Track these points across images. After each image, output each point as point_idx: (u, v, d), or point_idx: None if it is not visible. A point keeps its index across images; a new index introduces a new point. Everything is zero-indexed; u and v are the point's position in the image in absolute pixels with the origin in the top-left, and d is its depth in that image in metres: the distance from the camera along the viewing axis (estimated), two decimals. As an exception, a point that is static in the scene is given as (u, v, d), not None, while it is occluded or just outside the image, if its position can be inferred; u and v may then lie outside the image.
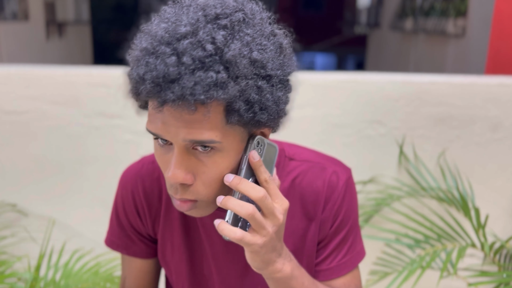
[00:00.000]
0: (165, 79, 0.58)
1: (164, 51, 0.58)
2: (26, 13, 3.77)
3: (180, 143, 0.63)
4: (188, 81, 0.57)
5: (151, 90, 0.59)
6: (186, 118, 0.61)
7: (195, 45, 0.58)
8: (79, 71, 1.64)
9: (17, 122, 1.65)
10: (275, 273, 0.69)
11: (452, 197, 1.57)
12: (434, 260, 1.46)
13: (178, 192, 0.67)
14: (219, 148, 0.64)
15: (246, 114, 0.62)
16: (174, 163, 0.64)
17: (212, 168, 0.65)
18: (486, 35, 2.54)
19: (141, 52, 0.61)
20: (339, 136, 1.65)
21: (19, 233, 1.70)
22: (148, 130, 0.65)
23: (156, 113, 0.62)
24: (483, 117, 1.64)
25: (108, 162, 1.67)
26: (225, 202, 0.63)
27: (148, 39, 0.61)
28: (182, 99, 0.58)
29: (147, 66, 0.59)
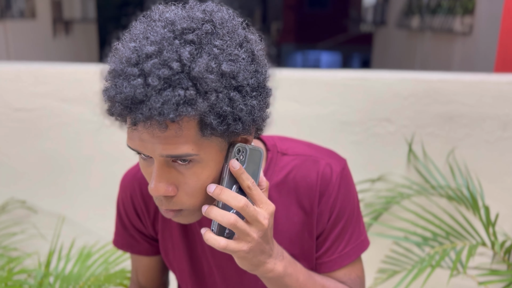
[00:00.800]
0: (133, 101, 0.59)
1: (130, 73, 0.59)
2: (33, 11, 3.78)
3: (159, 158, 0.64)
4: (155, 102, 0.58)
5: (122, 111, 0.60)
6: (159, 135, 0.61)
7: (160, 64, 0.58)
8: (88, 68, 1.64)
9: (26, 120, 1.65)
10: (266, 273, 0.70)
11: (462, 195, 1.57)
12: (444, 259, 1.45)
13: (163, 204, 0.68)
14: (197, 160, 0.64)
15: (219, 127, 0.62)
16: (155, 176, 0.65)
17: (193, 179, 0.66)
18: (493, 33, 2.53)
19: (109, 74, 0.62)
20: (348, 134, 1.65)
21: (28, 230, 1.70)
22: (128, 146, 0.66)
23: (132, 130, 0.63)
24: (493, 115, 1.63)
25: (117, 160, 1.67)
26: (208, 212, 0.65)
27: (116, 60, 0.61)
28: (151, 119, 0.59)
29: (117, 88, 0.59)
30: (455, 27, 3.43)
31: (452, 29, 3.48)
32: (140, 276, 0.96)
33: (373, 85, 1.63)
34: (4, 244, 1.61)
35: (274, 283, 0.73)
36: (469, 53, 3.24)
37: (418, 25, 4.27)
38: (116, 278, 1.39)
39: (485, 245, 1.43)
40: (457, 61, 3.45)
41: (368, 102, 1.64)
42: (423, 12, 4.17)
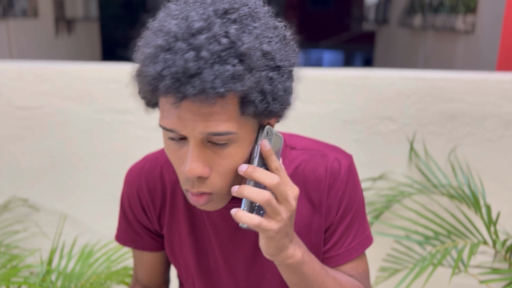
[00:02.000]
0: (185, 74, 0.59)
1: (180, 47, 0.59)
2: (35, 10, 3.79)
3: (197, 137, 0.64)
4: (208, 75, 0.58)
5: (171, 85, 0.59)
6: (203, 112, 0.62)
7: (211, 39, 0.59)
8: (91, 67, 1.64)
9: (29, 118, 1.66)
10: (287, 258, 0.71)
11: (463, 194, 1.57)
12: (445, 258, 1.45)
13: (194, 186, 0.68)
14: (234, 140, 0.65)
15: (260, 104, 0.64)
16: (191, 157, 0.65)
17: (227, 160, 0.67)
18: (495, 32, 2.52)
19: (155, 49, 0.61)
20: (350, 133, 1.65)
21: (31, 227, 1.71)
22: (162, 126, 0.66)
23: (171, 109, 0.63)
24: (495, 113, 1.63)
25: (120, 158, 1.68)
26: (241, 191, 0.65)
27: (161, 35, 0.61)
28: (203, 93, 0.59)
29: (165, 63, 0.60)
30: (457, 25, 3.42)
31: (454, 28, 3.48)
32: (142, 273, 0.96)
33: (375, 83, 1.63)
34: (7, 242, 1.61)
35: (292, 271, 0.73)
36: (472, 52, 3.23)
37: (421, 23, 4.27)
38: (118, 276, 1.40)
39: (487, 244, 1.42)
40: (459, 59, 3.45)
41: (370, 100, 1.64)
42: (425, 11, 4.17)
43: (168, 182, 0.85)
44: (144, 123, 1.65)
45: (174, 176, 0.85)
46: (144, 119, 1.65)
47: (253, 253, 0.84)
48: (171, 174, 0.85)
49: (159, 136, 1.66)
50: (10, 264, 1.36)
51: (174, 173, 0.85)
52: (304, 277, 0.73)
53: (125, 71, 1.63)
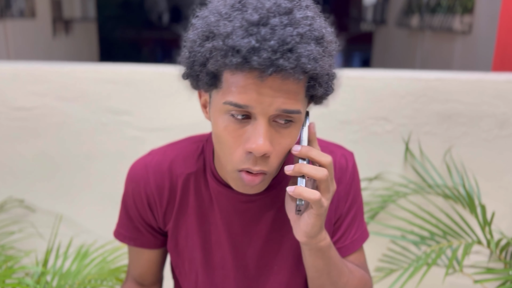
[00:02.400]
0: (282, 48, 0.61)
1: (276, 23, 0.62)
2: (33, 11, 3.78)
3: (268, 114, 0.66)
4: (302, 51, 0.62)
5: (267, 58, 0.61)
6: (282, 88, 0.64)
7: (301, 19, 0.64)
8: (86, 67, 1.64)
9: (24, 118, 1.66)
10: (321, 240, 0.74)
11: (458, 194, 1.57)
12: (440, 257, 1.45)
13: (257, 164, 0.69)
14: (296, 120, 0.68)
15: (325, 87, 0.69)
16: (263, 134, 0.66)
17: (287, 139, 0.69)
18: (493, 32, 2.53)
19: (247, 23, 0.62)
20: (345, 133, 1.65)
21: (26, 228, 1.71)
22: (233, 103, 0.65)
23: (249, 85, 0.64)
24: (490, 114, 1.63)
25: (115, 158, 1.68)
26: (299, 168, 0.68)
27: (251, 10, 0.63)
28: (295, 68, 0.62)
29: (262, 36, 0.61)
30: (454, 26, 3.43)
31: (451, 28, 3.48)
32: (137, 270, 0.96)
33: (371, 84, 1.63)
34: (2, 243, 1.61)
35: (321, 255, 0.76)
36: (469, 52, 3.23)
37: (418, 24, 4.27)
38: (113, 276, 1.40)
39: (481, 244, 1.43)
40: (457, 60, 3.45)
41: (366, 101, 1.64)
42: (422, 11, 4.17)
43: (179, 176, 0.85)
44: (140, 124, 1.66)
45: (186, 169, 0.85)
46: (139, 120, 1.65)
47: (263, 245, 0.86)
48: (182, 168, 0.85)
49: (154, 137, 1.66)
50: (6, 265, 1.36)
51: (186, 167, 0.85)
52: (329, 261, 0.77)
53: (120, 72, 1.63)
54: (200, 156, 0.86)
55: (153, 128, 1.66)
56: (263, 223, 0.85)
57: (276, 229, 0.85)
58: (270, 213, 0.84)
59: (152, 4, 6.46)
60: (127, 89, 1.63)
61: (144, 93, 1.64)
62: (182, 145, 0.89)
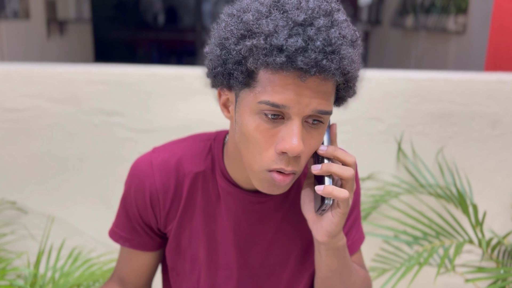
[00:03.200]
0: (328, 49, 0.62)
1: (322, 24, 0.62)
2: (27, 12, 3.77)
3: (303, 115, 0.66)
4: (345, 53, 0.62)
5: (313, 59, 0.61)
6: (320, 90, 0.65)
7: (342, 21, 0.65)
8: (78, 68, 1.64)
9: (16, 120, 1.65)
10: (340, 239, 0.75)
11: (450, 194, 1.57)
12: (432, 257, 1.46)
13: (289, 164, 0.69)
14: (324, 121, 0.69)
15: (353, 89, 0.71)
16: (296, 134, 0.66)
17: (316, 140, 0.70)
18: (486, 32, 2.54)
19: (292, 22, 0.62)
20: (338, 133, 1.65)
21: (18, 230, 1.70)
22: (271, 102, 0.65)
23: (288, 85, 0.64)
24: (482, 113, 1.64)
25: (108, 160, 1.67)
26: (327, 168, 0.69)
27: (295, 10, 0.63)
28: (337, 70, 0.62)
29: (309, 36, 0.61)
30: (449, 26, 3.44)
31: (446, 28, 3.49)
32: (127, 273, 0.93)
33: (363, 84, 1.63)
34: (-6, 244, 1.61)
35: (337, 254, 0.76)
36: (463, 52, 3.24)
37: (413, 24, 4.28)
38: (106, 277, 1.40)
39: (473, 243, 1.43)
40: (451, 60, 3.46)
41: (358, 101, 1.63)
42: (417, 12, 4.18)
43: (187, 175, 0.84)
44: (132, 125, 1.65)
45: (195, 168, 0.84)
46: (132, 121, 1.65)
47: (268, 246, 0.86)
48: (191, 166, 0.84)
49: (147, 138, 1.66)
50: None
51: (195, 165, 0.84)
52: (344, 260, 0.78)
53: (112, 73, 1.63)
54: (208, 155, 0.85)
55: (145, 129, 1.65)
56: (270, 225, 0.85)
57: (282, 230, 0.85)
58: (277, 215, 0.84)
59: (147, 5, 6.46)
60: (119, 90, 1.63)
61: (136, 94, 1.63)
62: (189, 143, 0.87)
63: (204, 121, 1.62)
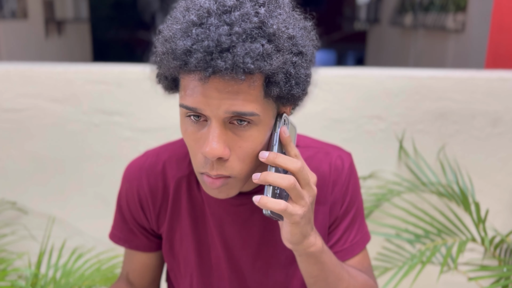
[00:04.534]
0: (217, 48, 0.59)
1: (213, 22, 0.60)
2: (25, 12, 3.76)
3: (220, 117, 0.64)
4: (240, 50, 0.59)
5: (202, 59, 0.59)
6: (229, 90, 0.62)
7: (243, 16, 0.61)
8: (77, 68, 1.63)
9: (16, 120, 1.64)
10: (309, 246, 0.71)
11: (452, 192, 1.57)
12: (435, 255, 1.45)
13: (214, 168, 0.67)
14: (256, 122, 0.66)
15: (284, 87, 0.65)
16: (214, 137, 0.64)
17: (248, 143, 0.67)
18: (486, 30, 2.54)
19: (187, 24, 0.61)
20: (339, 132, 1.65)
21: (19, 231, 1.70)
22: (184, 105, 0.65)
23: (196, 86, 0.63)
24: (483, 111, 1.64)
25: (108, 159, 1.67)
26: (264, 177, 0.65)
27: (193, 11, 0.62)
28: (233, 68, 0.59)
29: (197, 37, 0.60)
30: (447, 24, 3.44)
31: (445, 27, 3.49)
32: (132, 273, 0.94)
33: (363, 82, 1.63)
34: (-5, 245, 1.60)
35: (313, 261, 0.73)
36: (462, 50, 3.24)
37: (411, 22, 4.28)
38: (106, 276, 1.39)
39: (475, 241, 1.43)
40: (450, 58, 3.46)
41: (359, 99, 1.64)
42: (416, 10, 4.18)
43: (172, 179, 0.85)
44: (132, 125, 1.65)
45: (178, 172, 0.85)
46: (131, 120, 1.64)
47: (257, 249, 0.85)
48: (174, 171, 0.85)
49: (147, 138, 1.66)
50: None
51: (178, 170, 0.85)
52: (323, 267, 0.74)
53: (112, 72, 1.62)
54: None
55: (145, 129, 1.65)
56: (256, 226, 0.84)
57: (269, 231, 0.84)
58: (262, 216, 0.83)
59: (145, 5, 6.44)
60: (119, 89, 1.62)
61: (136, 94, 1.63)
62: (176, 146, 0.88)
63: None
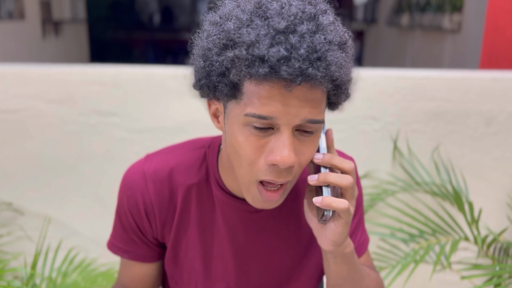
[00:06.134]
0: (312, 56, 0.59)
1: (304, 30, 0.59)
2: (22, 12, 3.76)
3: (292, 125, 0.63)
4: (331, 58, 0.59)
5: (298, 68, 0.58)
6: (308, 98, 0.62)
7: (328, 25, 0.61)
8: (73, 69, 1.64)
9: (12, 121, 1.65)
10: (347, 247, 0.73)
11: (446, 192, 1.58)
12: (428, 254, 1.46)
13: (281, 176, 0.67)
14: (318, 129, 0.67)
15: (346, 94, 0.68)
16: (285, 145, 0.63)
17: (311, 149, 0.68)
18: (482, 30, 2.55)
19: (273, 31, 0.59)
20: (334, 132, 1.65)
21: (15, 231, 1.70)
22: (256, 114, 0.62)
23: (274, 96, 0.61)
24: (477, 111, 1.65)
25: (104, 160, 1.67)
26: (324, 178, 0.66)
27: (277, 17, 0.60)
28: (325, 77, 0.60)
29: (292, 45, 0.58)
30: (444, 24, 3.45)
31: (441, 27, 3.50)
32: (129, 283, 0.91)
33: (358, 82, 1.64)
34: (-9, 246, 1.60)
35: (346, 261, 0.74)
36: (459, 50, 3.25)
37: (408, 22, 4.29)
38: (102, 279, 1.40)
39: (468, 240, 1.44)
40: (447, 58, 3.47)
41: (353, 99, 1.64)
42: (412, 10, 4.19)
43: (181, 186, 0.82)
44: (128, 125, 1.65)
45: (188, 180, 0.81)
46: (128, 121, 1.65)
47: (268, 259, 0.84)
48: (183, 178, 0.82)
49: (143, 138, 1.66)
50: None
51: (188, 177, 0.81)
52: (353, 267, 0.76)
53: (108, 73, 1.63)
54: (202, 164, 0.82)
55: (141, 129, 1.65)
56: (269, 233, 0.83)
57: (281, 239, 0.84)
58: (275, 223, 0.83)
59: (142, 5, 6.45)
60: (114, 90, 1.63)
61: (131, 94, 1.63)
62: (182, 151, 0.85)
63: (200, 121, 1.62)
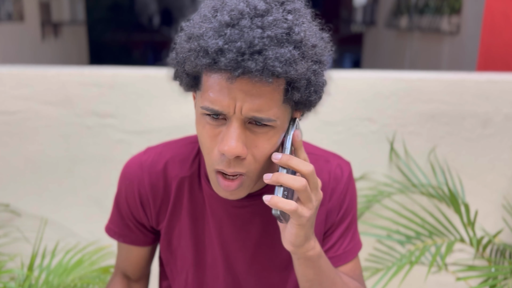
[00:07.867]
0: (250, 50, 0.61)
1: (246, 24, 0.62)
2: (21, 14, 3.77)
3: (240, 117, 0.65)
4: (271, 53, 0.61)
5: (234, 59, 0.61)
6: (254, 92, 0.64)
7: (275, 21, 0.63)
8: (71, 71, 1.64)
9: (9, 122, 1.65)
10: (309, 250, 0.72)
11: (443, 193, 1.58)
12: (424, 255, 1.47)
13: (230, 166, 0.69)
14: (274, 125, 0.68)
15: (304, 93, 0.67)
16: (233, 136, 0.66)
17: (264, 143, 0.69)
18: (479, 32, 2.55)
19: (219, 24, 0.63)
20: (330, 134, 1.66)
21: (12, 233, 1.70)
22: (205, 107, 0.66)
23: (222, 87, 0.64)
24: (473, 113, 1.65)
25: (101, 161, 1.68)
26: (277, 178, 0.66)
27: (225, 12, 0.63)
28: (263, 71, 0.61)
29: (230, 37, 0.61)
30: (442, 26, 3.45)
31: (439, 29, 3.51)
32: (126, 265, 0.97)
33: (355, 84, 1.65)
34: (-12, 247, 1.61)
35: (311, 265, 0.74)
36: (457, 52, 3.26)
37: (407, 25, 4.30)
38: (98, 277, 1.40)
39: (464, 242, 1.44)
40: (445, 60, 3.48)
41: (350, 101, 1.65)
42: (411, 12, 4.20)
43: (174, 178, 0.86)
44: (125, 127, 1.65)
45: (181, 172, 0.85)
46: (124, 123, 1.65)
47: (254, 251, 0.86)
48: (176, 171, 0.86)
49: (140, 140, 1.66)
50: (-10, 269, 1.35)
51: (181, 170, 0.85)
52: (320, 271, 0.75)
53: (105, 75, 1.63)
54: (195, 158, 0.86)
55: (138, 131, 1.66)
56: (255, 229, 0.85)
57: (267, 235, 0.85)
58: (261, 219, 0.84)
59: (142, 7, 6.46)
60: (112, 92, 1.63)
61: (129, 96, 1.64)
62: (179, 145, 0.89)
63: (197, 122, 1.63)
